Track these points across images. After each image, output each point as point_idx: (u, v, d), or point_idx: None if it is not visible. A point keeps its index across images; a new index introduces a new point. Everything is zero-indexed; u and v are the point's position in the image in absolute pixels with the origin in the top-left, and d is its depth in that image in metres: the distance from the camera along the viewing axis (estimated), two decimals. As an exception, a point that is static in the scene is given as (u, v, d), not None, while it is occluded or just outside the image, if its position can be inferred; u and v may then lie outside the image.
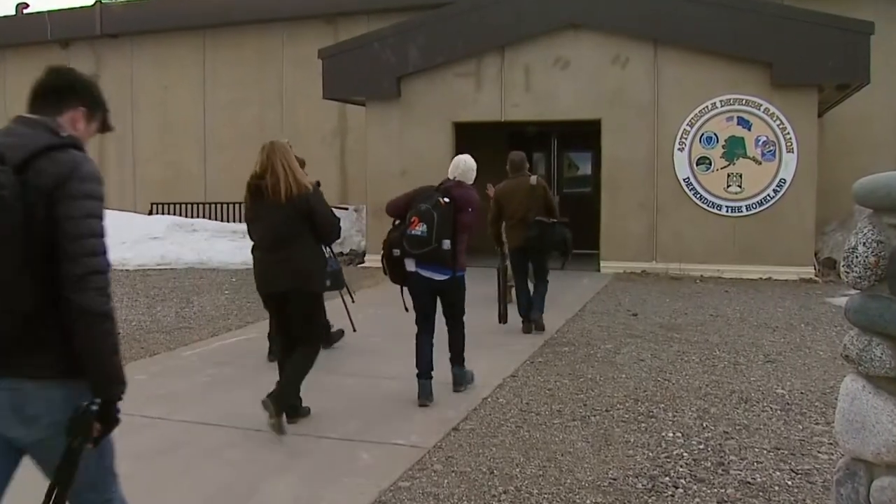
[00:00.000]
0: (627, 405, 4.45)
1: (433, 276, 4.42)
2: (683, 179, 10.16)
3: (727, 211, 10.03)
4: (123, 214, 13.86)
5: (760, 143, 9.90)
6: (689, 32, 10.00)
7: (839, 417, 2.07)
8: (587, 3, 10.47)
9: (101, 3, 16.36)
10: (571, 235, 6.38)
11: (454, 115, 10.99)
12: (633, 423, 4.13)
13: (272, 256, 3.99)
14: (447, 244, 4.31)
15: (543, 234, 6.22)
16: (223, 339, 6.32)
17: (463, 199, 4.48)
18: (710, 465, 3.52)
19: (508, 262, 6.64)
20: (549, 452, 3.68)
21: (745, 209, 9.96)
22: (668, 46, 10.16)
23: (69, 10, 16.92)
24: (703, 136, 10.07)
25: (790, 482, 3.33)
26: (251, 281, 4.27)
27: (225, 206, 14.67)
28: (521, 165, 6.53)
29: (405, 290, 4.54)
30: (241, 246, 12.00)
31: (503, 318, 6.51)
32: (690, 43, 10.02)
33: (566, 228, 6.35)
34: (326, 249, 4.51)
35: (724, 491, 3.23)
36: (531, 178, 6.45)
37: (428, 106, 11.07)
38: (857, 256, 1.98)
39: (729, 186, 10.02)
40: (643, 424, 4.10)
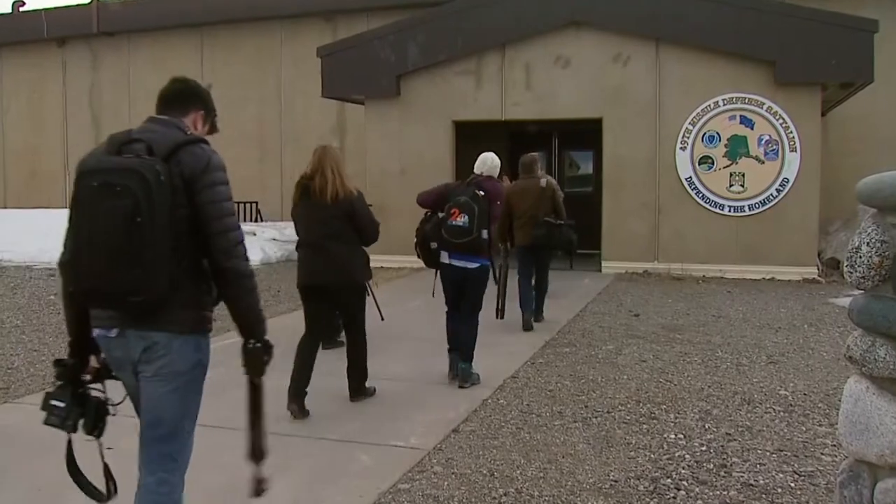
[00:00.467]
0: (629, 406, 4.42)
1: (466, 265, 4.73)
2: (685, 179, 10.11)
3: (730, 211, 9.98)
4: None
5: (763, 142, 9.85)
6: (691, 30, 9.95)
7: (843, 419, 2.06)
8: (588, 0, 10.43)
9: (97, 0, 16.29)
10: (576, 237, 6.71)
11: (454, 113, 10.94)
12: (634, 424, 4.11)
13: (316, 252, 4.28)
14: (485, 234, 4.66)
15: (551, 233, 6.53)
16: (220, 340, 6.24)
17: (494, 192, 4.86)
18: (712, 467, 3.50)
19: (514, 259, 6.86)
20: (549, 454, 3.65)
21: (747, 209, 9.92)
22: (669, 44, 10.11)
23: (66, 7, 16.87)
24: (705, 134, 10.03)
25: (793, 484, 3.31)
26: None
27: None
28: (531, 167, 6.79)
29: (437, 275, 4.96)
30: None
31: (501, 313, 6.58)
32: (692, 41, 9.98)
33: (572, 230, 6.66)
34: None
35: (726, 493, 3.21)
36: (541, 179, 6.74)
37: (428, 104, 11.02)
38: (860, 256, 1.96)
39: (731, 186, 9.97)
40: (645, 426, 4.07)
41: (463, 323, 4.87)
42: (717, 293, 8.66)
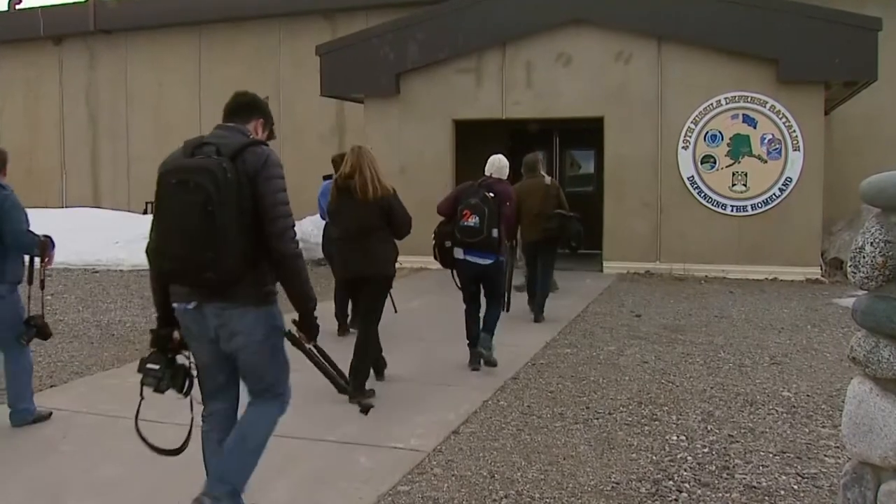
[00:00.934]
0: (631, 408, 4.40)
1: (479, 261, 5.07)
2: (688, 178, 10.07)
3: (732, 210, 9.94)
4: (117, 214, 13.77)
5: (766, 141, 9.81)
6: (693, 28, 9.90)
7: (846, 420, 2.06)
8: (589, -2, 10.40)
9: (95, -2, 16.25)
10: (582, 228, 7.17)
11: (454, 112, 10.90)
12: (636, 426, 4.09)
13: (354, 245, 4.58)
14: (495, 233, 4.99)
15: (563, 225, 6.96)
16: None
17: (504, 193, 5.24)
18: (714, 468, 3.49)
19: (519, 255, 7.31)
20: (550, 456, 3.64)
21: (750, 208, 9.87)
22: (672, 42, 10.06)
23: (62, 5, 16.77)
24: (707, 133, 9.98)
25: (796, 486, 3.29)
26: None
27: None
28: (535, 166, 7.17)
29: (454, 273, 5.28)
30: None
31: (507, 306, 6.69)
32: (695, 39, 9.93)
33: (579, 223, 7.13)
34: None
35: (728, 495, 3.20)
36: (545, 178, 7.19)
37: (427, 103, 10.97)
38: (864, 256, 1.96)
39: (734, 185, 9.93)
40: (647, 428, 4.05)
41: (487, 306, 5.27)
42: (719, 293, 8.64)
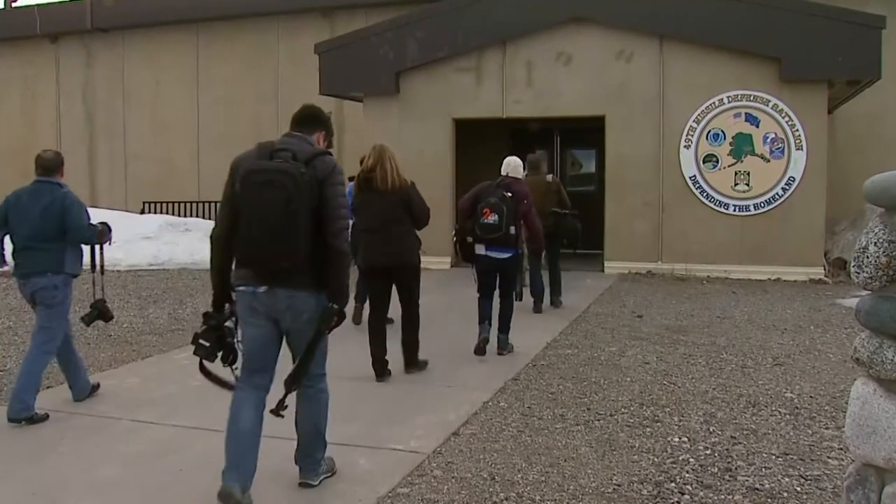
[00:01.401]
0: (632, 409, 4.37)
1: (499, 255, 5.49)
2: (690, 177, 10.03)
3: (734, 210, 9.90)
4: (114, 213, 13.75)
5: (769, 140, 9.76)
6: (695, 26, 9.85)
7: (850, 422, 2.05)
8: (591, -4, 10.35)
9: (91, -4, 16.18)
10: (581, 226, 7.59)
11: (454, 111, 10.85)
12: (638, 427, 4.06)
13: (378, 236, 4.85)
14: (512, 229, 5.41)
15: (558, 222, 7.34)
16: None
17: (521, 192, 5.64)
18: (717, 470, 3.46)
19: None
20: (551, 458, 3.61)
21: (752, 208, 9.83)
22: (673, 41, 10.01)
23: (59, 3, 16.70)
24: (709, 132, 9.94)
25: (799, 488, 3.27)
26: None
27: (218, 205, 14.54)
28: (537, 165, 7.60)
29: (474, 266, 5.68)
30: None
31: (518, 296, 6.79)
32: (697, 37, 9.87)
33: (577, 220, 7.54)
34: None
35: (731, 497, 3.17)
36: (547, 176, 7.63)
37: (427, 102, 10.92)
38: (868, 256, 1.95)
39: (736, 185, 9.89)
40: (648, 429, 4.03)
41: (501, 303, 5.63)
42: (721, 294, 8.60)
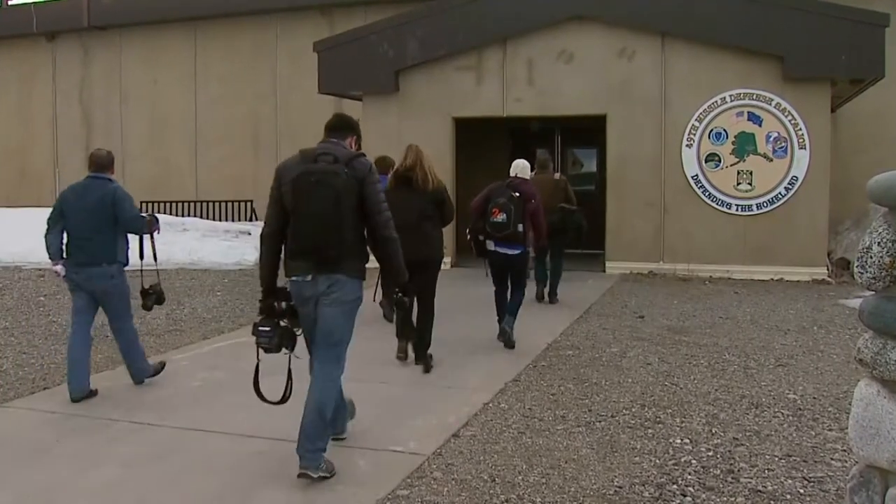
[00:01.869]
0: (634, 410, 4.35)
1: (508, 251, 5.85)
2: (692, 177, 9.99)
3: (737, 210, 9.84)
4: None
5: (771, 139, 9.71)
6: (697, 24, 9.78)
7: (853, 423, 2.04)
8: (592, -6, 10.31)
9: (88, -6, 16.11)
10: (586, 223, 7.96)
11: (454, 109, 10.78)
12: (639, 429, 4.05)
13: (412, 232, 4.92)
14: (520, 227, 5.77)
15: (565, 218, 7.71)
16: (215, 342, 6.25)
17: (529, 193, 5.95)
18: (719, 472, 3.45)
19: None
20: (552, 459, 3.60)
21: (755, 208, 9.77)
22: (676, 39, 9.93)
23: (55, 1, 16.64)
24: (712, 131, 9.89)
25: (802, 490, 3.26)
26: (243, 282, 4.29)
27: (217, 204, 14.44)
28: (545, 164, 8.03)
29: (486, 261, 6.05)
30: (233, 246, 11.67)
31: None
32: (699, 35, 9.81)
33: (582, 216, 7.90)
34: None
35: (733, 499, 3.17)
36: (555, 174, 8.09)
37: (427, 100, 10.85)
38: (871, 257, 1.94)
39: (739, 184, 9.83)
40: (650, 430, 4.02)
41: (512, 293, 5.98)
42: (724, 294, 8.56)
